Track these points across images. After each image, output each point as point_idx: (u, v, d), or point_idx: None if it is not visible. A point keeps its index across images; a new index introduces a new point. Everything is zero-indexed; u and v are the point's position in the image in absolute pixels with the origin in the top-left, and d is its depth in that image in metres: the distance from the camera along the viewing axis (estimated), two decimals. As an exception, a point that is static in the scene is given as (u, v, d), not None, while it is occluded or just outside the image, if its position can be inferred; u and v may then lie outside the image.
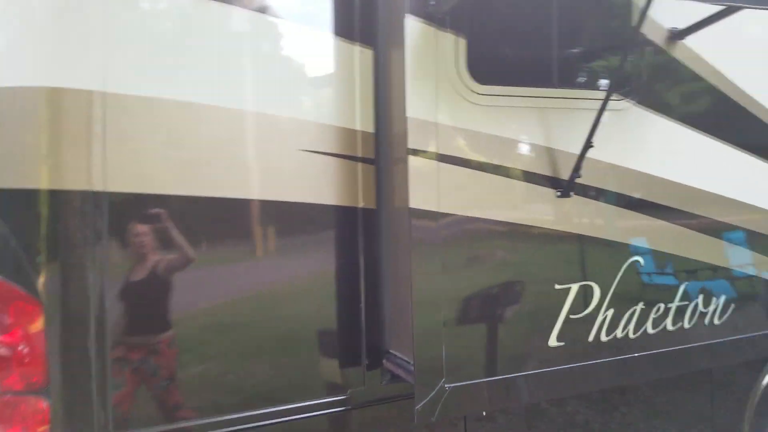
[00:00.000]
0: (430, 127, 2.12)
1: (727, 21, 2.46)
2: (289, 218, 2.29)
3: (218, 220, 2.17)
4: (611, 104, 2.39)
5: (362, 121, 2.38)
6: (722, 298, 2.71)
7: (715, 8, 2.39)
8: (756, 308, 2.87)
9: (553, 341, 2.31)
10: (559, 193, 2.30)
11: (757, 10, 2.40)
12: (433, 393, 2.09)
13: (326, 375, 2.35)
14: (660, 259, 2.55)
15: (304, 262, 2.34)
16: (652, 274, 2.52)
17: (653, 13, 2.45)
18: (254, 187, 2.22)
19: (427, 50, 2.11)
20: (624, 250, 2.46)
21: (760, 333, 2.87)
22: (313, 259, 2.34)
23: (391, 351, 2.41)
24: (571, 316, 2.34)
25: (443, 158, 2.13)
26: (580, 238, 2.38)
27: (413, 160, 2.08)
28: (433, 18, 2.11)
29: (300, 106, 2.29)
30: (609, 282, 2.42)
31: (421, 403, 2.07)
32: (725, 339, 2.73)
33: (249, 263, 2.24)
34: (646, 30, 2.48)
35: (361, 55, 2.38)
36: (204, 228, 2.15)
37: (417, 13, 2.09)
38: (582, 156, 2.22)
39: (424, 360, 2.10)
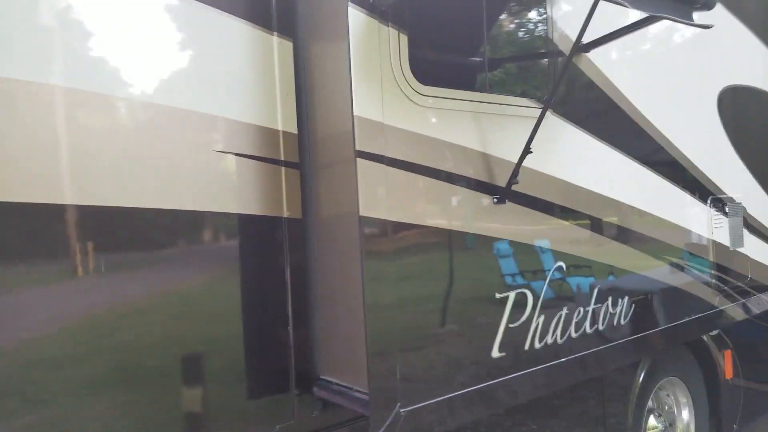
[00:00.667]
0: (378, 128, 1.94)
1: (626, 39, 2.63)
2: (202, 230, 1.98)
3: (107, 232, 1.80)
4: (531, 111, 2.42)
5: (284, 121, 2.14)
6: (626, 299, 2.87)
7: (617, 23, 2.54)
8: (654, 306, 3.08)
9: (495, 352, 2.24)
10: (495, 200, 2.25)
11: (651, 30, 2.55)
12: (390, 419, 1.90)
13: (250, 409, 2.05)
14: (578, 263, 2.62)
15: (220, 282, 2.02)
16: (572, 279, 2.58)
17: (563, 25, 2.55)
18: (158, 195, 1.87)
19: (371, 45, 1.94)
20: (549, 256, 2.48)
21: (658, 329, 3.09)
22: (231, 277, 2.04)
23: (323, 377, 2.17)
24: (510, 325, 2.29)
25: (391, 162, 1.96)
26: (513, 245, 2.35)
27: (362, 164, 1.89)
28: (375, 10, 1.94)
29: (214, 100, 1.98)
30: (539, 288, 2.42)
31: (381, 430, 1.87)
32: (630, 338, 2.88)
33: (151, 284, 1.87)
34: (558, 41, 2.56)
35: (280, 47, 2.15)
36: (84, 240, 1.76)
37: (359, 3, 1.91)
38: (520, 162, 2.20)
39: (379, 384, 1.89)
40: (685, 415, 3.94)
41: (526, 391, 2.36)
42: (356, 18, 1.90)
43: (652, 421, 3.77)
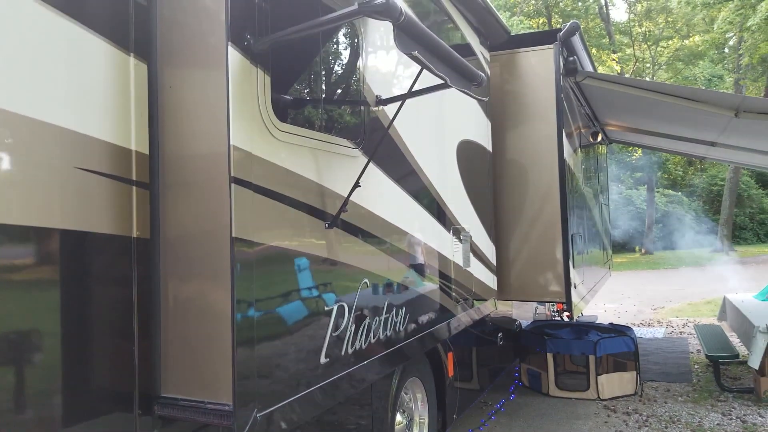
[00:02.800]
0: (248, 157, 2.14)
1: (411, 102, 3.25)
2: (58, 249, 1.91)
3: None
4: (349, 151, 2.86)
5: (138, 141, 2.19)
6: (403, 308, 3.45)
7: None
8: (420, 315, 3.72)
9: (323, 358, 2.56)
10: (327, 225, 2.60)
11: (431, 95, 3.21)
12: (249, 426, 2.08)
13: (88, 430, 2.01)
14: (377, 279, 3.11)
15: (65, 299, 1.95)
16: (374, 292, 3.05)
17: (369, 79, 3.06)
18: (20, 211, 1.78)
19: (244, 82, 2.14)
20: (358, 273, 2.91)
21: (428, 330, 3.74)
22: (76, 295, 1.99)
23: (163, 395, 2.22)
24: (333, 334, 2.64)
25: (255, 188, 2.17)
26: (336, 264, 2.72)
27: (235, 189, 2.06)
28: (248, 52, 2.16)
29: (76, 116, 1.96)
30: (352, 301, 2.83)
31: (244, 438, 2.03)
32: (405, 342, 3.46)
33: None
34: (365, 93, 3.05)
35: (136, 68, 2.20)
36: None
37: (237, 44, 2.11)
38: (350, 193, 2.59)
39: (241, 394, 2.06)
40: (422, 409, 4.68)
41: (344, 391, 2.72)
42: (234, 57, 2.09)
43: (398, 417, 4.41)
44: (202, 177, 2.16)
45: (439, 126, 4.16)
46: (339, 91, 2.97)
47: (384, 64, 3.28)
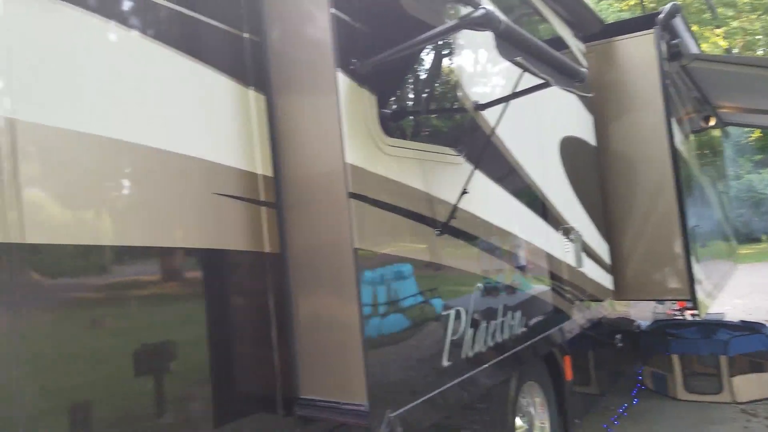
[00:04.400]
0: (361, 173, 2.27)
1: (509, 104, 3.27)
2: (207, 265, 2.13)
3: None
4: (452, 158, 2.93)
5: (263, 165, 2.39)
6: (518, 312, 3.46)
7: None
8: (534, 319, 3.71)
9: (445, 361, 2.64)
10: (438, 232, 2.69)
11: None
12: (383, 425, 2.19)
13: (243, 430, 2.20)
14: (490, 283, 3.15)
15: (215, 311, 2.17)
16: (487, 297, 3.09)
17: (466, 86, 3.13)
18: (175, 234, 2.01)
19: (353, 103, 2.28)
20: (471, 277, 2.97)
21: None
22: (223, 308, 2.20)
23: (302, 397, 2.38)
24: (452, 338, 2.71)
25: (370, 201, 2.30)
26: (450, 269, 2.80)
27: (354, 203, 2.20)
28: (355, 75, 2.30)
29: (209, 148, 2.18)
30: (468, 305, 2.89)
31: (378, 437, 2.15)
32: (522, 346, 3.46)
33: (161, 311, 1.99)
34: (463, 100, 3.12)
35: (255, 100, 2.40)
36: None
37: (344, 69, 2.26)
38: (458, 200, 2.67)
39: (374, 396, 2.18)
40: (541, 413, 4.63)
41: (467, 395, 2.79)
42: (343, 81, 2.24)
43: (518, 421, 4.40)
44: (321, 194, 2.32)
45: (538, 125, 4.14)
46: (438, 101, 3.06)
47: (478, 70, 3.34)
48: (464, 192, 2.67)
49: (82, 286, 1.77)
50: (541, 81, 2.48)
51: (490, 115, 3.22)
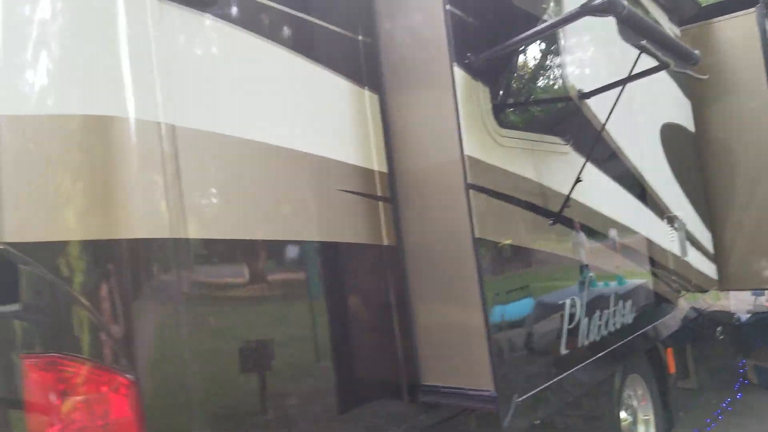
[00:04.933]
0: (478, 164, 2.33)
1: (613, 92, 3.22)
2: (333, 258, 2.25)
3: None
4: (560, 147, 2.93)
5: (378, 162, 2.47)
6: (627, 302, 3.41)
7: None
8: (644, 310, 3.65)
9: (563, 349, 2.66)
10: (551, 222, 2.70)
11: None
12: (511, 410, 2.24)
13: (370, 416, 2.30)
14: (600, 273, 3.13)
15: (345, 304, 2.28)
16: (599, 286, 3.07)
17: (571, 75, 3.11)
18: (306, 228, 2.14)
19: (468, 96, 2.34)
20: (583, 267, 2.97)
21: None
22: (357, 300, 2.31)
23: (425, 383, 2.46)
24: (568, 327, 2.72)
25: (488, 192, 2.35)
26: (563, 259, 2.81)
27: (473, 194, 2.26)
28: (469, 68, 2.35)
29: (336, 146, 2.29)
30: (581, 295, 2.88)
31: (506, 420, 2.20)
32: (630, 337, 3.42)
33: (297, 303, 2.12)
34: (569, 89, 3.11)
35: (370, 100, 2.49)
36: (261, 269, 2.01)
37: (459, 63, 2.31)
38: (572, 189, 2.67)
39: (501, 382, 2.23)
40: (645, 406, 4.52)
41: (585, 382, 2.79)
42: (459, 75, 2.30)
43: (622, 414, 4.32)
44: (436, 187, 2.38)
45: (640, 113, 4.05)
46: (546, 91, 3.07)
47: (582, 58, 3.31)
48: (578, 180, 2.67)
49: (233, 276, 1.91)
50: (656, 65, 2.45)
51: (596, 104, 3.20)
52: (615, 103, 2.78)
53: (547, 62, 3.08)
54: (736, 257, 5.29)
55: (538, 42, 2.92)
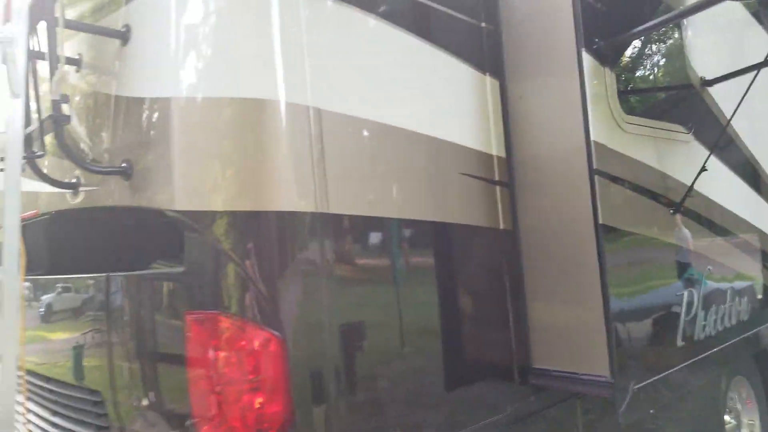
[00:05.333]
0: (604, 150, 2.33)
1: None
2: (453, 239, 2.32)
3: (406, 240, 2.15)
4: (682, 136, 2.86)
5: (497, 147, 2.52)
6: (744, 299, 3.30)
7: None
8: (756, 306, 3.52)
9: (679, 341, 2.62)
10: (672, 211, 2.66)
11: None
12: (628, 396, 2.25)
13: (482, 394, 2.37)
14: (719, 266, 3.04)
15: (463, 284, 2.35)
16: (717, 280, 2.99)
17: (694, 62, 3.02)
18: (430, 208, 2.22)
19: (595, 82, 2.34)
20: (702, 259, 2.90)
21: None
22: (473, 282, 2.38)
23: (535, 367, 2.50)
24: (686, 318, 2.68)
25: (612, 178, 2.35)
26: (683, 249, 2.76)
27: (598, 180, 2.27)
28: (597, 54, 2.35)
29: (458, 131, 2.35)
30: (699, 287, 2.83)
31: (623, 407, 2.21)
32: (743, 336, 3.30)
33: (421, 282, 2.22)
34: (692, 77, 3.02)
35: (491, 86, 2.53)
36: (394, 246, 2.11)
37: (587, 49, 2.31)
38: (696, 178, 2.61)
39: (619, 368, 2.24)
40: (750, 410, 4.33)
41: (695, 378, 2.74)
42: (587, 61, 2.30)
43: (726, 417, 4.16)
44: (557, 172, 2.40)
45: (760, 102, 3.86)
46: (671, 77, 3.01)
47: (705, 44, 3.20)
48: (703, 170, 2.61)
49: (366, 250, 2.03)
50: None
51: (719, 92, 3.09)
52: (746, 92, 2.68)
53: (672, 48, 3.00)
54: None
55: (665, 29, 2.86)
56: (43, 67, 1.90)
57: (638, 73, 2.79)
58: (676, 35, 3.00)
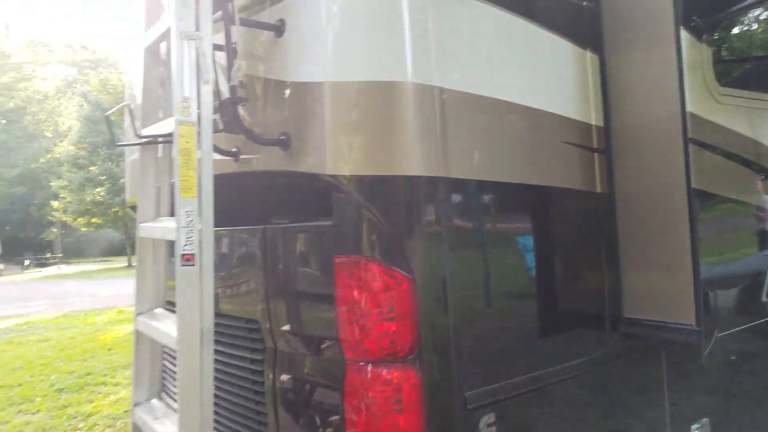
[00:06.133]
0: (699, 121, 2.54)
1: None
2: (556, 201, 2.63)
3: (519, 204, 2.48)
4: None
5: (596, 117, 2.77)
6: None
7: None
8: None
9: (764, 297, 2.83)
10: (762, 178, 2.83)
11: None
12: (711, 343, 2.51)
13: (579, 340, 2.70)
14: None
15: (567, 242, 2.67)
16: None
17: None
18: (536, 174, 2.53)
19: (692, 56, 2.54)
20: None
21: None
22: (572, 238, 2.68)
23: (626, 316, 2.79)
24: (771, 279, 2.88)
25: (703, 145, 2.57)
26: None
27: (692, 148, 2.49)
28: (694, 29, 2.54)
29: (561, 103, 2.62)
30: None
31: (706, 351, 2.48)
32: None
33: (526, 236, 2.57)
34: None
35: (591, 61, 2.77)
36: (507, 210, 2.45)
37: (685, 26, 2.51)
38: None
39: (703, 317, 2.50)
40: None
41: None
42: (685, 37, 2.50)
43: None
44: (655, 140, 2.63)
45: None
46: (764, 51, 3.11)
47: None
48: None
49: (482, 209, 2.38)
50: None
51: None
52: None
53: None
54: None
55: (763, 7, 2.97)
56: (220, 59, 2.35)
57: (733, 46, 2.92)
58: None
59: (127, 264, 36.22)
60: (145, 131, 2.43)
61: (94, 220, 35.74)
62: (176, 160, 2.04)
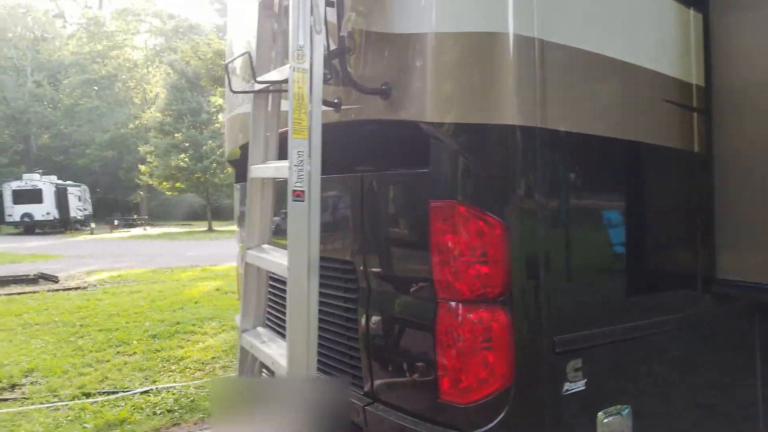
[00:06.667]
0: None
1: None
2: (655, 158, 2.63)
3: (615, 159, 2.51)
4: None
5: (697, 76, 2.73)
6: None
7: None
8: None
9: None
10: None
11: None
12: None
13: (670, 299, 2.73)
14: None
15: (661, 199, 2.68)
16: None
17: None
18: (636, 130, 2.55)
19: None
20: None
21: None
22: (667, 196, 2.69)
23: (719, 277, 2.77)
24: None
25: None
26: None
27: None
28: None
29: (662, 61, 2.61)
30: None
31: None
32: None
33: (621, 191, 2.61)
34: None
35: (694, 19, 2.72)
36: (607, 165, 2.49)
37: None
38: None
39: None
40: None
41: None
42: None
43: None
44: (760, 101, 2.58)
45: None
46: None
47: None
48: None
49: (576, 160, 2.43)
50: None
51: None
52: None
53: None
54: None
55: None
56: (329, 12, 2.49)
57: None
58: None
59: (207, 228, 37.89)
60: (261, 78, 2.62)
61: (178, 184, 37.47)
62: (290, 104, 2.21)
